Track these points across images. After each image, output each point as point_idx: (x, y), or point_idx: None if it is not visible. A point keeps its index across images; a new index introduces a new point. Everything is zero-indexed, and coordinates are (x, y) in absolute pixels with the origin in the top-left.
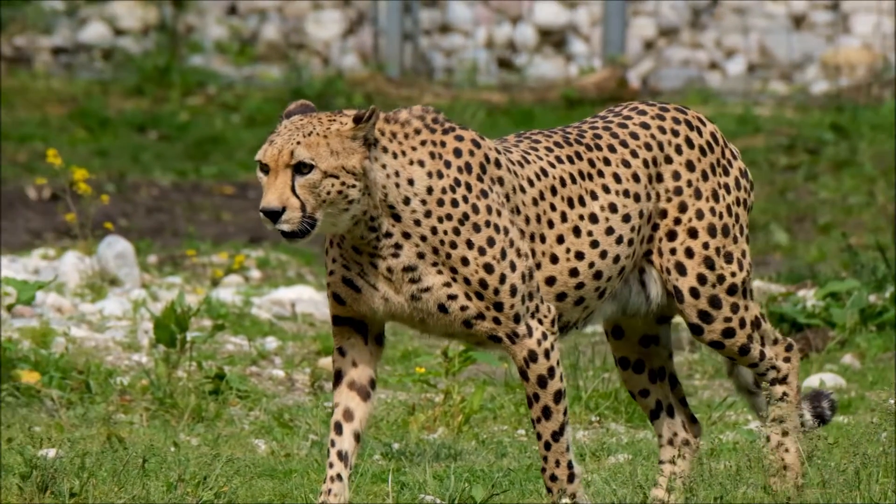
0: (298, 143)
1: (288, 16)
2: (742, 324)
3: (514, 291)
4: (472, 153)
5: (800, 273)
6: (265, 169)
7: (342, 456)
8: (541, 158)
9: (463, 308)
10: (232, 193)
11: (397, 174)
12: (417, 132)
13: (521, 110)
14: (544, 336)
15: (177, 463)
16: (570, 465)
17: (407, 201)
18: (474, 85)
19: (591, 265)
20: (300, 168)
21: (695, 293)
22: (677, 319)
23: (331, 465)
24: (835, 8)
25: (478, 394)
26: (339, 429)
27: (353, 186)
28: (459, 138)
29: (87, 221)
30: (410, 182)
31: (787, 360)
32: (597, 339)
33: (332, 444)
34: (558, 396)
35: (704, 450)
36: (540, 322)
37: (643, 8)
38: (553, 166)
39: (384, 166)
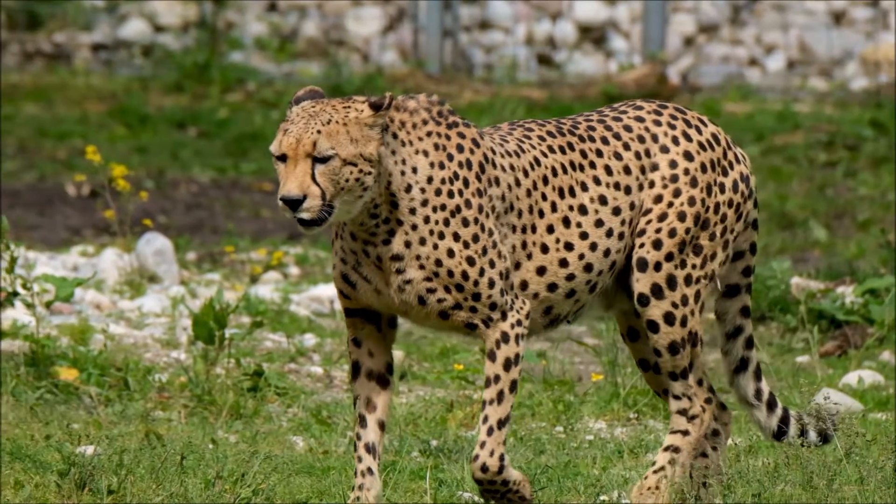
0: (319, 131)
1: (328, 12)
2: (683, 321)
3: (492, 284)
4: (472, 151)
5: (839, 269)
6: (282, 158)
7: (370, 448)
8: (534, 147)
9: (440, 300)
10: (271, 190)
11: (404, 162)
12: (424, 123)
13: (561, 107)
14: (518, 323)
15: (215, 460)
16: (501, 458)
17: (408, 189)
18: (514, 81)
19: (581, 257)
20: (319, 157)
21: (658, 267)
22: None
23: (360, 460)
24: (875, 4)
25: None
26: (363, 421)
27: (369, 174)
28: (462, 135)
29: (126, 218)
30: (414, 170)
31: (702, 408)
32: None
33: (359, 437)
34: (513, 386)
35: (742, 447)
36: (517, 312)
37: (683, 4)
38: (545, 156)
39: (394, 153)
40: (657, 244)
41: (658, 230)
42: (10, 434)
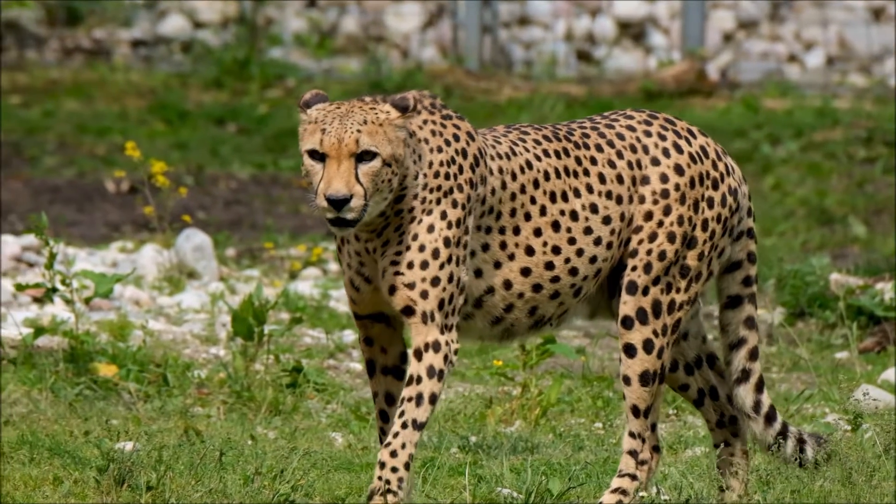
0: (359, 130)
1: (367, 8)
2: (660, 352)
3: (451, 278)
4: (468, 143)
5: (878, 266)
6: (320, 157)
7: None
8: (527, 150)
9: (397, 273)
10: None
11: (414, 151)
12: (418, 112)
13: (600, 103)
14: (449, 347)
15: (254, 456)
16: (410, 456)
17: (416, 176)
18: (553, 78)
19: (567, 261)
20: (362, 156)
21: (646, 291)
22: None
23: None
24: None
25: (555, 387)
26: (384, 417)
27: (396, 174)
28: (457, 127)
29: (165, 214)
30: (420, 158)
31: (650, 455)
32: None
33: (383, 432)
34: (433, 398)
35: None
36: (454, 341)
37: (722, 1)
38: (539, 159)
39: (407, 146)
40: (647, 267)
41: (649, 252)
42: (50, 430)
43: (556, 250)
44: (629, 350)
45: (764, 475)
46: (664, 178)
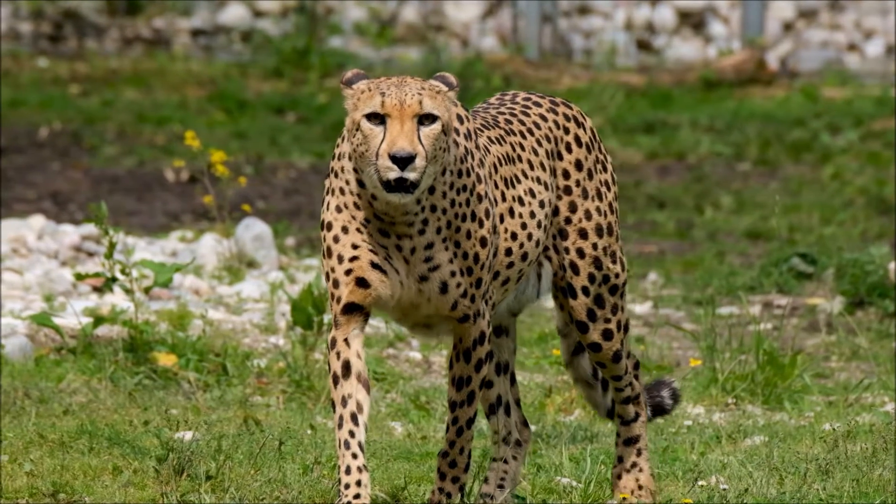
0: (420, 94)
1: None
2: (619, 327)
3: (490, 267)
4: (467, 119)
5: None
6: (379, 119)
7: (362, 447)
8: (479, 136)
9: (458, 285)
10: None
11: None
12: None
13: (660, 92)
14: (489, 324)
15: (313, 445)
16: (469, 455)
17: (443, 173)
18: (613, 67)
19: (521, 246)
20: (423, 119)
21: (586, 291)
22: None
23: (355, 457)
24: None
25: None
26: (355, 420)
27: (447, 148)
28: (455, 104)
29: (224, 204)
30: (448, 150)
31: (636, 376)
32: (734, 321)
33: (352, 434)
34: (482, 385)
35: (840, 432)
36: (487, 303)
37: None
38: (490, 145)
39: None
40: (574, 268)
41: (566, 250)
42: (109, 419)
43: (514, 236)
44: (594, 347)
45: (823, 464)
46: (566, 174)
